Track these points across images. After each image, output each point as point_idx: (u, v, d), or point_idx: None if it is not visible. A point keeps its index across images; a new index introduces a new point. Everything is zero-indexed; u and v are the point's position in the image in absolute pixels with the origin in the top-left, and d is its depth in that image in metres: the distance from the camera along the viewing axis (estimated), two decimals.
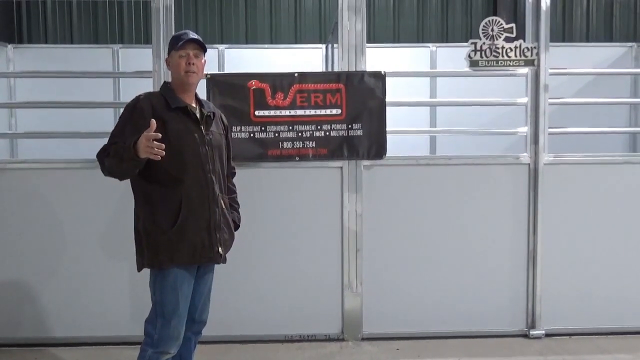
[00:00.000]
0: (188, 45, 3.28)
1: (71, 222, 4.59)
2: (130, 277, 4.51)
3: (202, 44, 3.33)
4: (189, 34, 3.31)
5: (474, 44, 4.65)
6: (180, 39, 3.29)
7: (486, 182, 4.76)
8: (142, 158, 2.97)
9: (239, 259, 4.39)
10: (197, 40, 3.30)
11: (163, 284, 3.20)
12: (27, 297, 4.62)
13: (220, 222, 3.31)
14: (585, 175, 4.80)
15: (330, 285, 4.72)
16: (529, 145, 4.77)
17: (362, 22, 4.65)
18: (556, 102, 4.92)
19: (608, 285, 4.82)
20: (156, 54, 4.48)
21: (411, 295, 4.77)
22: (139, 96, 3.27)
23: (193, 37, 3.29)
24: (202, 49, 3.33)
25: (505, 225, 4.78)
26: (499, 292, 4.80)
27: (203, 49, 3.34)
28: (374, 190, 4.70)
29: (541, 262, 4.75)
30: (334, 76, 4.68)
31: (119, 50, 7.37)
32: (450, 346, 4.63)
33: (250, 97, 4.58)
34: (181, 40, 3.28)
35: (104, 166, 3.14)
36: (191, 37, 3.29)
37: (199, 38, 3.32)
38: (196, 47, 3.30)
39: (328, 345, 4.66)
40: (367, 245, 4.71)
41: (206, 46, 3.37)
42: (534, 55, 4.67)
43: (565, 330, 4.81)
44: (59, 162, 4.68)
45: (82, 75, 6.64)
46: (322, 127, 4.62)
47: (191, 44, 3.29)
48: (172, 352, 3.26)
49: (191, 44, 3.28)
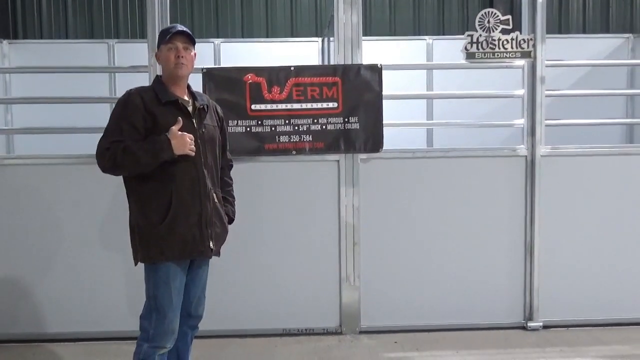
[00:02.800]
0: (176, 38, 3.26)
1: (67, 217, 4.59)
2: (127, 272, 4.51)
3: (190, 36, 3.30)
4: (177, 27, 3.29)
5: (471, 36, 4.64)
6: (169, 32, 3.28)
7: (483, 174, 4.76)
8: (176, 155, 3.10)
9: (236, 253, 4.41)
10: (185, 33, 3.28)
11: (156, 278, 3.20)
12: (23, 293, 4.62)
13: (212, 216, 3.30)
14: (582, 167, 4.80)
15: (328, 279, 4.73)
16: (525, 138, 4.77)
17: (358, 15, 4.64)
18: (553, 94, 4.92)
19: (605, 277, 4.84)
20: (152, 48, 4.46)
21: (409, 288, 4.78)
22: (130, 91, 3.25)
23: (181, 30, 3.27)
24: (191, 42, 3.31)
25: (502, 217, 4.79)
26: (496, 284, 4.81)
27: (192, 41, 3.31)
28: (371, 184, 4.70)
29: (538, 254, 4.76)
30: (330, 69, 4.67)
31: (115, 45, 7.34)
32: (448, 339, 4.64)
33: (247, 91, 4.57)
34: (169, 34, 3.26)
35: (115, 163, 3.09)
36: (179, 30, 3.27)
37: (187, 30, 3.30)
38: (185, 39, 3.28)
39: (326, 339, 4.67)
40: (365, 238, 4.71)
41: (195, 39, 3.35)
42: (530, 47, 4.66)
43: (562, 322, 4.83)
44: (55, 157, 4.66)
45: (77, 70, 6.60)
46: (319, 120, 4.61)
47: (179, 36, 3.26)
48: (168, 346, 3.26)
49: (179, 37, 3.26)
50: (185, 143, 3.12)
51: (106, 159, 3.11)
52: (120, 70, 6.99)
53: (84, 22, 11.17)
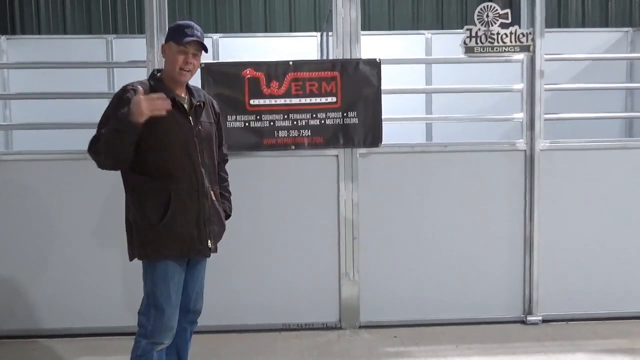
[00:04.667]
0: (192, 44, 3.19)
1: (66, 213, 4.59)
2: (124, 268, 4.49)
3: (205, 46, 3.25)
4: (194, 32, 3.20)
5: (469, 31, 4.63)
6: (185, 34, 3.18)
7: (482, 168, 4.76)
8: (140, 122, 2.91)
9: (235, 248, 4.41)
10: (201, 43, 3.22)
11: (154, 275, 3.20)
12: (22, 289, 4.62)
13: (210, 215, 3.28)
14: (582, 161, 4.79)
15: (328, 274, 4.72)
16: (524, 132, 4.76)
17: (357, 10, 4.62)
18: (552, 88, 4.92)
19: (604, 271, 4.84)
20: (150, 43, 4.46)
21: (408, 282, 4.77)
22: (126, 86, 3.20)
23: (198, 39, 3.19)
24: (203, 49, 3.26)
25: (501, 211, 4.78)
26: (495, 278, 4.81)
27: (204, 49, 3.26)
28: (370, 179, 4.69)
29: (538, 248, 4.76)
30: (329, 64, 4.66)
31: (113, 40, 7.33)
32: (448, 333, 4.65)
33: (245, 86, 4.55)
34: (186, 36, 3.17)
35: (98, 153, 3.04)
36: (196, 39, 3.18)
37: (203, 40, 3.23)
38: (198, 47, 3.22)
39: (326, 334, 4.67)
40: (364, 233, 4.70)
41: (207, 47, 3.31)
42: (529, 41, 4.65)
43: (562, 316, 4.83)
44: (54, 153, 4.66)
45: (76, 65, 6.62)
46: (318, 115, 4.60)
47: (195, 44, 3.20)
48: (166, 342, 3.26)
49: (195, 45, 3.20)
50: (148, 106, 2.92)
51: (94, 151, 3.06)
52: (118, 65, 6.98)
53: (82, 18, 11.17)
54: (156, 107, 2.95)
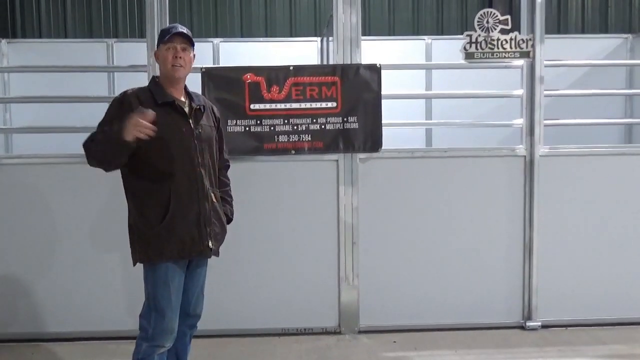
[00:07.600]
0: (175, 38, 3.24)
1: (66, 217, 4.59)
2: (125, 272, 4.51)
3: (189, 37, 3.29)
4: (177, 27, 3.27)
5: (470, 36, 4.64)
6: (168, 32, 3.26)
7: (482, 174, 4.76)
8: (129, 141, 2.95)
9: (235, 252, 4.41)
10: (184, 34, 3.26)
11: (154, 278, 3.20)
12: (22, 292, 4.62)
13: (210, 216, 3.29)
14: (581, 167, 4.80)
15: (327, 279, 4.72)
16: (524, 137, 4.77)
17: (357, 15, 4.64)
18: (552, 94, 4.93)
19: (604, 276, 4.84)
20: (151, 47, 4.46)
21: (408, 287, 4.78)
22: (126, 91, 3.25)
23: (181, 31, 3.25)
24: (190, 43, 3.29)
25: (501, 217, 4.79)
26: (495, 284, 4.81)
27: (191, 42, 3.30)
28: (369, 183, 4.70)
29: (537, 253, 4.76)
30: (329, 69, 4.67)
31: (114, 44, 7.32)
32: (447, 338, 4.64)
33: (246, 91, 4.56)
34: (169, 34, 3.24)
35: (90, 153, 3.10)
36: (179, 31, 3.25)
37: (187, 32, 3.28)
38: (184, 40, 3.26)
39: (325, 338, 4.67)
40: (363, 238, 4.71)
41: (194, 38, 3.33)
42: (529, 47, 4.66)
43: (561, 321, 4.83)
44: (54, 157, 4.67)
45: (76, 69, 6.60)
46: (318, 120, 4.61)
47: (178, 37, 3.25)
48: (167, 345, 3.26)
49: (178, 38, 3.25)
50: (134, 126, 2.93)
51: (87, 149, 3.12)
52: (119, 69, 6.99)
53: (83, 22, 11.18)
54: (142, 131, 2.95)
